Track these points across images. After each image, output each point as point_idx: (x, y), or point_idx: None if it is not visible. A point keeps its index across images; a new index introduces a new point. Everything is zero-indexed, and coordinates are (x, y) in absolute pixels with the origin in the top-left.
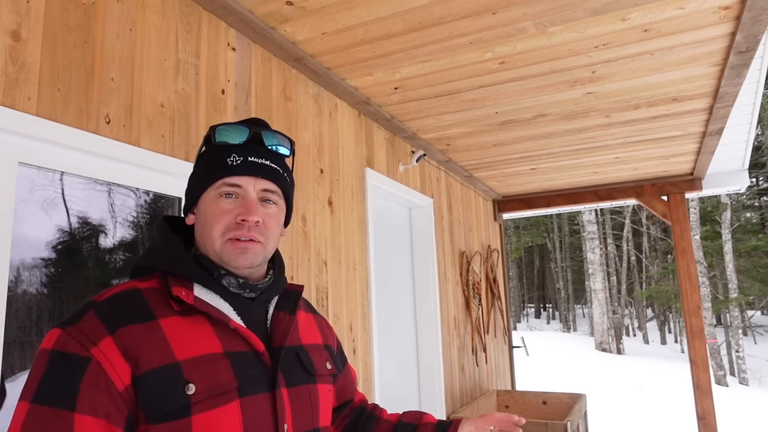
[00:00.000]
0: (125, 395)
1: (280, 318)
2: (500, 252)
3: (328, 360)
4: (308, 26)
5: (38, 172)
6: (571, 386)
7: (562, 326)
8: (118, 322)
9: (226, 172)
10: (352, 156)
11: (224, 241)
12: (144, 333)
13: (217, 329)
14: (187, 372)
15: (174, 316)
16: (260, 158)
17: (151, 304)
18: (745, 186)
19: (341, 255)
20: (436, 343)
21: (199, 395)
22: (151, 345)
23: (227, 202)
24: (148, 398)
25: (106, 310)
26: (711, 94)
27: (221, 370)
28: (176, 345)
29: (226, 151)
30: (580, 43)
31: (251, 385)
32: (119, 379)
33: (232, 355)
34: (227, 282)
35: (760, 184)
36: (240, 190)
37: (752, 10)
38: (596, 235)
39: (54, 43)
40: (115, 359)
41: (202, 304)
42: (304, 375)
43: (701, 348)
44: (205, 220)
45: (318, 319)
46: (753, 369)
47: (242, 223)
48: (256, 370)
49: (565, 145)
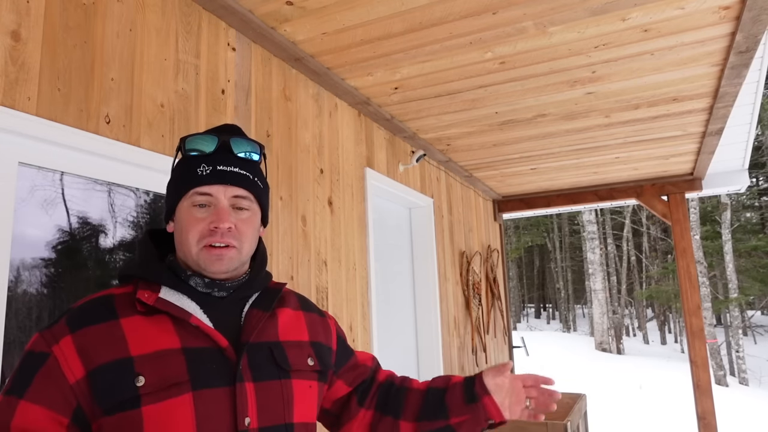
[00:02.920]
0: (76, 388)
1: (252, 315)
2: (500, 252)
3: (310, 356)
4: (308, 26)
5: (38, 172)
6: (571, 386)
7: (562, 326)
8: (81, 323)
9: (197, 182)
10: (352, 156)
11: (200, 248)
12: (103, 331)
13: (178, 327)
14: (138, 365)
15: (136, 316)
16: (229, 166)
17: (117, 307)
18: (745, 186)
19: (341, 255)
20: (436, 343)
21: (147, 387)
22: (108, 342)
23: (200, 211)
24: (100, 390)
25: (75, 315)
26: (711, 94)
27: (174, 364)
28: (133, 342)
29: (196, 161)
30: (580, 43)
31: (208, 379)
32: (71, 373)
33: (189, 351)
34: (194, 282)
35: (760, 184)
36: (211, 198)
37: (752, 10)
38: (596, 235)
39: (54, 43)
40: (71, 354)
41: (164, 304)
42: (275, 370)
43: (701, 348)
44: (181, 228)
45: (311, 316)
46: (753, 369)
47: (215, 230)
48: (217, 364)
49: (565, 145)
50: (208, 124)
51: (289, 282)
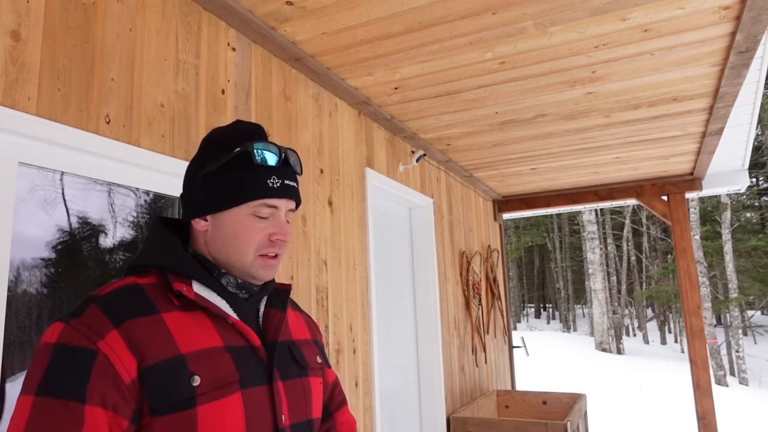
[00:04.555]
0: (132, 388)
1: (271, 315)
2: (500, 252)
3: (318, 354)
4: (308, 26)
5: (38, 172)
6: (571, 386)
7: (562, 326)
8: (123, 316)
9: (268, 194)
10: (352, 156)
11: (256, 257)
12: (148, 326)
13: (217, 324)
14: (192, 364)
15: (176, 311)
16: (291, 181)
17: (153, 299)
18: (745, 186)
19: (341, 255)
20: (436, 343)
21: (203, 387)
22: (156, 338)
23: (261, 222)
24: (155, 390)
25: (109, 304)
26: (711, 94)
27: (224, 363)
28: (180, 338)
29: (267, 172)
30: (580, 43)
31: (251, 378)
32: (126, 372)
33: (232, 349)
34: (226, 281)
35: (760, 184)
36: (276, 211)
37: (752, 10)
38: (596, 235)
39: (54, 43)
40: (122, 352)
41: (203, 300)
42: (297, 368)
43: (701, 348)
44: (235, 234)
45: (304, 316)
46: (753, 369)
47: (276, 241)
48: (254, 363)
49: (565, 145)
50: (208, 124)
51: (289, 282)
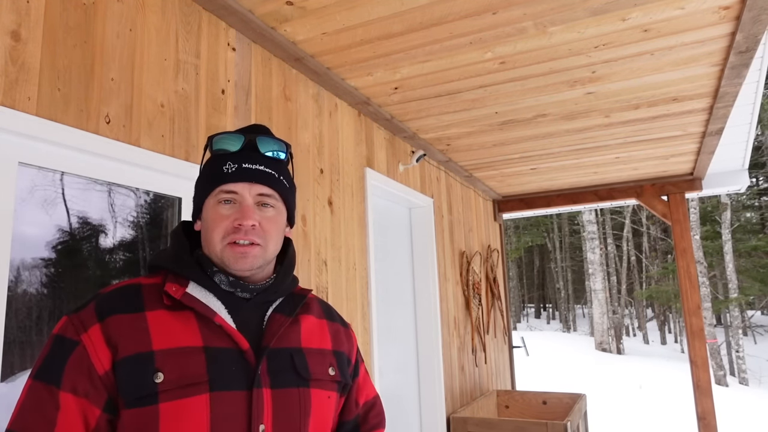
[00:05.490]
0: (105, 379)
1: (275, 319)
2: (500, 252)
3: (332, 366)
4: (308, 26)
5: (38, 172)
6: (571, 386)
7: (562, 326)
8: (108, 312)
9: (222, 180)
10: (352, 156)
11: (224, 245)
12: (129, 323)
13: (202, 325)
14: (159, 361)
15: (162, 310)
16: (254, 164)
17: (145, 298)
18: (745, 186)
19: (341, 255)
20: (436, 343)
21: (166, 384)
22: (132, 334)
23: (225, 208)
24: (123, 383)
25: (103, 301)
26: (711, 94)
27: (194, 363)
28: (156, 336)
29: (223, 159)
30: (580, 43)
31: (227, 382)
32: (100, 364)
33: (210, 350)
34: (218, 279)
35: (760, 184)
36: (237, 196)
37: (752, 10)
38: (596, 235)
39: (54, 43)
40: (99, 345)
41: (190, 300)
42: (295, 378)
43: (701, 348)
44: (207, 225)
45: (334, 325)
46: (753, 369)
47: (239, 227)
48: (236, 367)
49: (565, 145)
50: (208, 124)
51: None
